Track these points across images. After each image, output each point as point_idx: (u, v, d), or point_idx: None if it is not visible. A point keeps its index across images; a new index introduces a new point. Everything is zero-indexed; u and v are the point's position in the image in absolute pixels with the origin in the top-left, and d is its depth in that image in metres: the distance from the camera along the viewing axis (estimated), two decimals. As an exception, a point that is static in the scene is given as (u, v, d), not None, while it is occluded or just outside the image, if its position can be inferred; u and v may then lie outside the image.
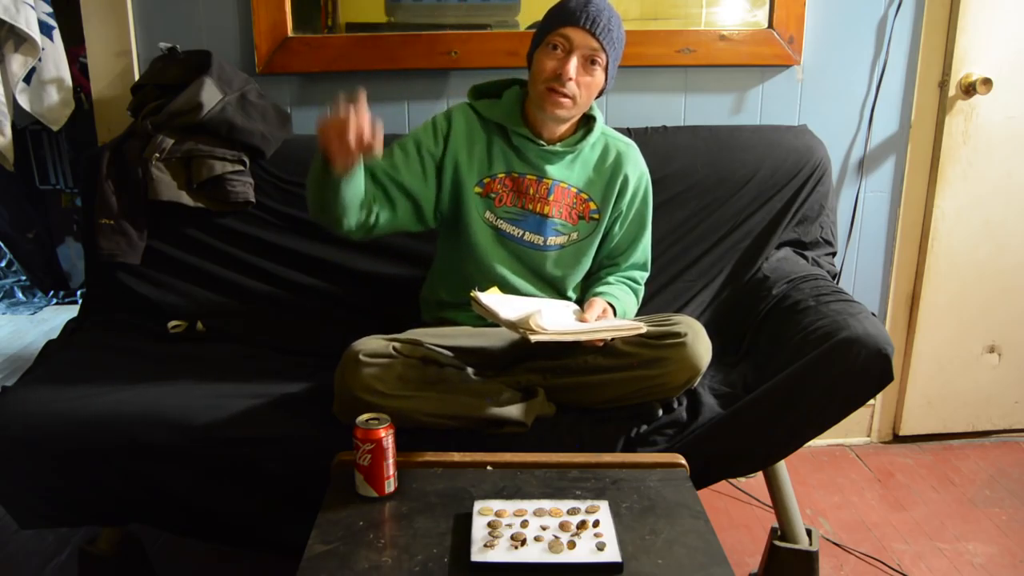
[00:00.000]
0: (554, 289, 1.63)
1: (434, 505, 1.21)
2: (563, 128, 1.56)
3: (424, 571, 1.06)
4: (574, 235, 1.60)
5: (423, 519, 1.18)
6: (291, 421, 1.46)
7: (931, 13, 2.03)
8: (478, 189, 1.57)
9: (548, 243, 1.59)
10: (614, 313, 1.56)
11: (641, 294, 1.69)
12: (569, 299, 1.66)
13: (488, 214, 1.58)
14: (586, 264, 1.64)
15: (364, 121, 1.27)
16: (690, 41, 2.00)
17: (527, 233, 1.58)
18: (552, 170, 1.57)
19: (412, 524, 1.17)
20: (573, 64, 1.46)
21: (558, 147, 1.56)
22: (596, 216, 1.61)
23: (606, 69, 1.50)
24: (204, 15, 1.94)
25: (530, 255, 1.59)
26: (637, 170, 1.63)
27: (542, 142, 1.56)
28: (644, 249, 1.68)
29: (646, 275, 1.70)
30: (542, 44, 1.51)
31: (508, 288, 1.59)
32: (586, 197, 1.60)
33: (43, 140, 3.68)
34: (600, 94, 1.55)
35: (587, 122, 1.60)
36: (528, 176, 1.57)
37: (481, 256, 1.58)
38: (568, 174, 1.58)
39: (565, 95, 1.47)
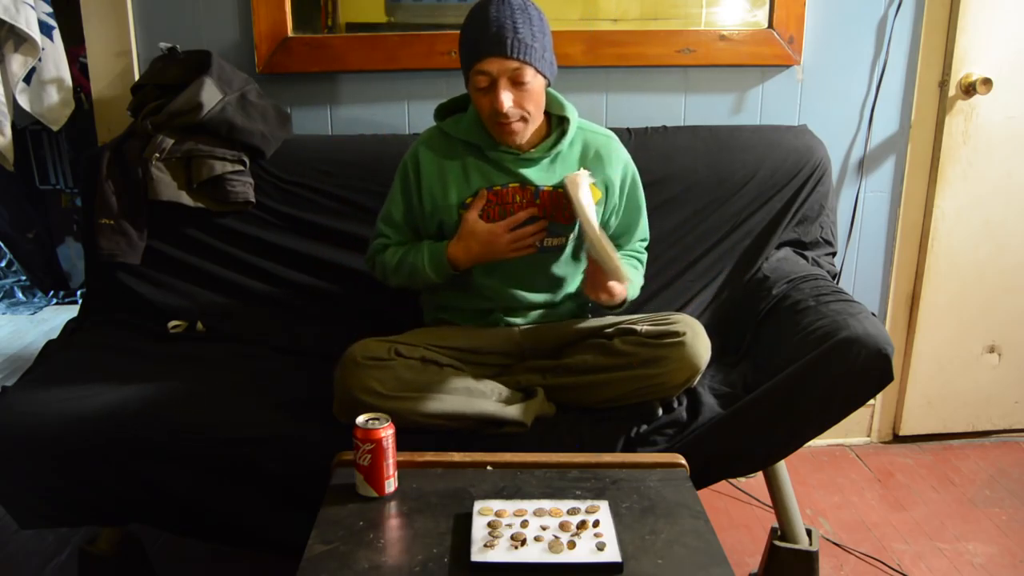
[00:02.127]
0: (555, 291, 1.63)
1: (434, 505, 1.21)
2: (529, 134, 1.53)
3: (424, 571, 1.06)
4: (569, 235, 1.59)
5: (423, 519, 1.18)
6: (291, 421, 1.46)
7: (931, 13, 2.03)
8: (463, 211, 1.54)
9: (544, 246, 1.57)
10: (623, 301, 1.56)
11: (644, 259, 1.71)
12: (567, 301, 1.66)
13: None
14: (584, 261, 1.64)
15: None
16: (690, 41, 2.00)
17: None
18: (533, 176, 1.54)
19: (412, 524, 1.17)
20: (503, 95, 1.41)
21: (534, 152, 1.54)
22: None
23: (540, 72, 1.45)
24: (204, 15, 1.94)
25: (529, 261, 1.57)
26: (620, 162, 1.61)
27: (517, 151, 1.53)
28: (643, 228, 1.68)
29: (647, 242, 1.71)
30: (469, 83, 1.47)
31: (507, 299, 1.59)
32: None
33: (43, 140, 3.68)
34: (549, 84, 1.52)
35: (560, 122, 1.57)
36: (511, 185, 1.54)
37: (477, 271, 1.57)
38: (550, 177, 1.56)
39: (512, 121, 1.45)
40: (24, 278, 3.87)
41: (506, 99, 1.42)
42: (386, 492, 1.23)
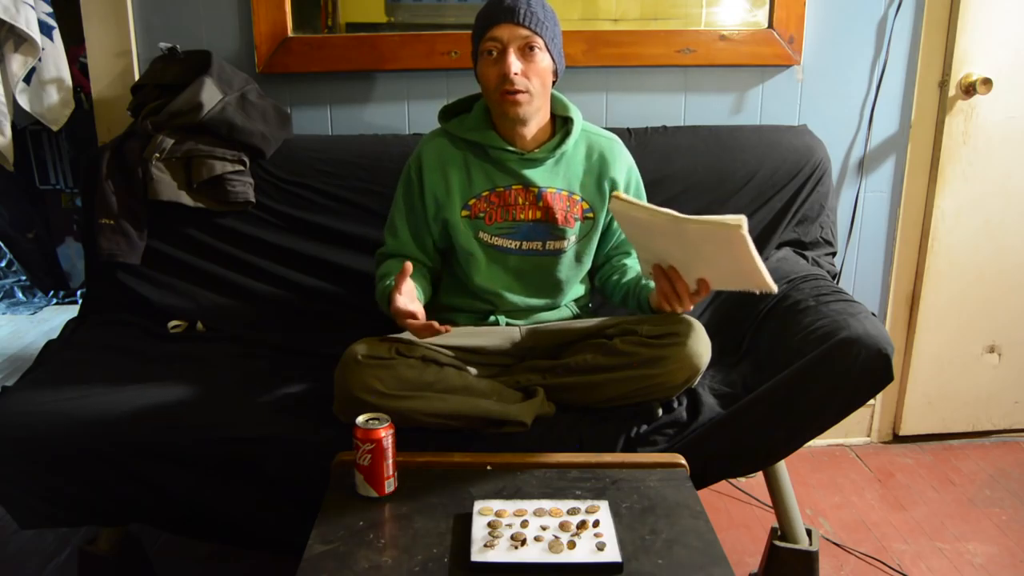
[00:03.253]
0: (556, 294, 1.63)
1: (434, 505, 1.21)
2: (535, 131, 1.53)
3: (424, 571, 1.06)
4: (573, 238, 1.59)
5: (423, 519, 1.18)
6: (291, 421, 1.46)
7: (931, 13, 2.03)
8: (465, 213, 1.55)
9: (547, 248, 1.58)
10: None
11: None
12: (568, 303, 1.66)
13: (482, 234, 1.56)
14: (587, 264, 1.64)
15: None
16: (690, 41, 2.00)
17: (524, 243, 1.57)
18: (537, 177, 1.55)
19: (412, 524, 1.17)
20: (511, 60, 1.44)
21: (538, 153, 1.54)
22: (591, 215, 1.60)
23: (548, 50, 1.48)
24: (204, 15, 1.94)
25: (531, 264, 1.58)
26: (624, 164, 1.62)
27: (521, 151, 1.53)
28: None
29: None
30: (479, 57, 1.50)
31: (507, 302, 1.59)
32: (578, 198, 1.58)
33: (43, 140, 3.69)
34: (556, 79, 1.54)
35: (564, 123, 1.57)
36: (514, 187, 1.54)
37: (479, 275, 1.57)
38: (553, 179, 1.56)
39: (518, 91, 1.45)
40: (24, 278, 3.87)
41: (514, 64, 1.44)
42: (386, 492, 1.23)
